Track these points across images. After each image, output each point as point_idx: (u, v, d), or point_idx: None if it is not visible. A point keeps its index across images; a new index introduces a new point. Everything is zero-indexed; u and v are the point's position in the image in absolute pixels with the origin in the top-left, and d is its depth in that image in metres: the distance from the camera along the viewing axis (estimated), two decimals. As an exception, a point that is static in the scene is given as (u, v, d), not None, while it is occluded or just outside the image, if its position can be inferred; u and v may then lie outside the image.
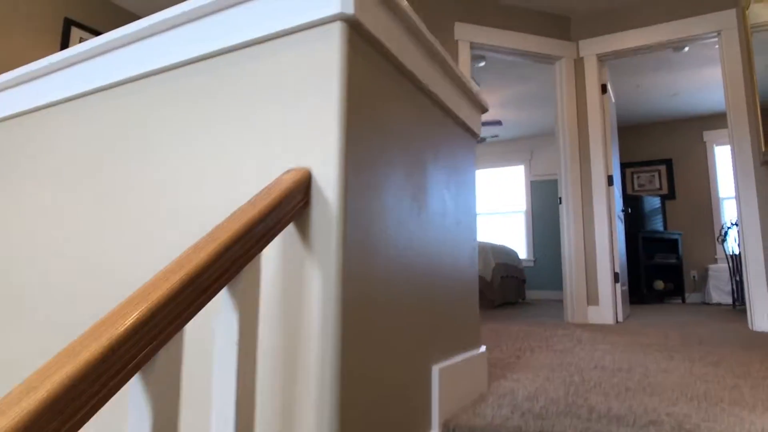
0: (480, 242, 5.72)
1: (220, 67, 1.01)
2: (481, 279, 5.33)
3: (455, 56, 3.60)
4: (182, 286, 0.58)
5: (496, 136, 7.66)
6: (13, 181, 1.38)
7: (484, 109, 1.59)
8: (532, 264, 7.46)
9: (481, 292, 5.33)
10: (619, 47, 3.79)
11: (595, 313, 3.65)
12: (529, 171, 7.65)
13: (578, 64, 3.90)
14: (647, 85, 5.61)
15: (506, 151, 7.90)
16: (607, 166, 3.78)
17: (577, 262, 3.73)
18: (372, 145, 0.94)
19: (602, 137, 3.78)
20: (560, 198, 3.87)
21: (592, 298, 3.69)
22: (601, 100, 3.83)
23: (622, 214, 4.19)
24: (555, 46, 3.85)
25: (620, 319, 3.70)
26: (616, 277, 3.70)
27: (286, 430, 0.78)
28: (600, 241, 3.70)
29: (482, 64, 4.67)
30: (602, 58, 3.89)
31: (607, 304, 3.62)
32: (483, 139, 6.74)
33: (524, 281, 6.53)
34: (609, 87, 3.94)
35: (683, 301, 6.33)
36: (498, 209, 7.92)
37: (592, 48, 3.86)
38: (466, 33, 3.64)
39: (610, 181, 3.77)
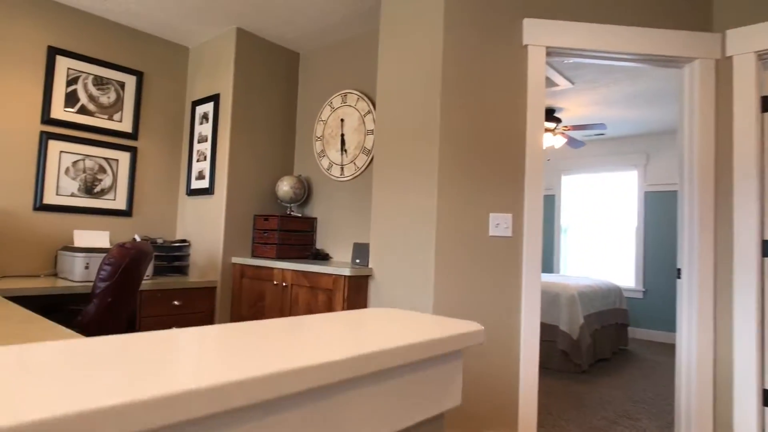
0: (565, 282, 4.50)
1: None
2: (565, 336, 4.15)
3: (521, 67, 2.48)
4: None
5: (602, 134, 6.18)
6: None
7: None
8: (640, 296, 6.00)
9: (564, 354, 4.16)
10: (797, 40, 2.38)
11: (725, 453, 2.43)
12: (643, 179, 6.09)
13: (723, 66, 2.55)
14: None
15: (614, 153, 6.37)
16: (762, 228, 2.45)
17: (699, 370, 2.50)
18: None
19: (758, 183, 2.44)
20: (678, 270, 2.62)
21: (721, 426, 2.47)
22: (760, 122, 2.47)
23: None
24: (683, 42, 2.53)
25: (768, 464, 2.43)
26: (765, 398, 2.42)
27: None
28: (741, 343, 2.43)
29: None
30: (765, 57, 2.50)
31: (746, 445, 2.38)
32: (581, 144, 5.37)
33: (627, 325, 5.18)
34: (773, 101, 2.54)
35: None
36: (601, 225, 6.48)
37: (747, 41, 2.49)
38: (538, 33, 2.48)
39: (766, 250, 2.44)
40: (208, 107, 3.41)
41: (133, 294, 2.47)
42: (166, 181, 3.54)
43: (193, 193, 3.46)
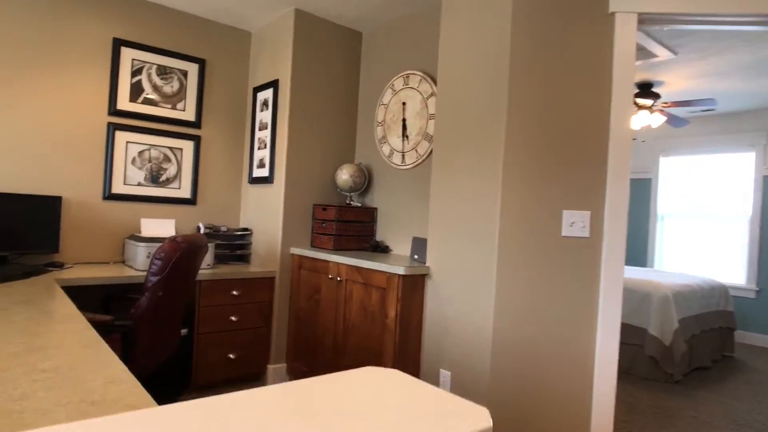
0: (658, 280, 3.99)
1: None
2: (655, 342, 3.69)
3: (606, 38, 2.10)
4: None
5: (711, 110, 5.39)
6: None
7: None
8: (752, 295, 5.24)
9: (653, 361, 3.71)
10: None
11: None
12: (762, 161, 5.25)
13: None
14: None
15: (726, 132, 5.55)
16: None
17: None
18: None
19: None
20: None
21: None
22: None
23: None
24: (826, -4, 2.00)
25: None
26: None
27: None
28: None
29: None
30: None
31: None
32: (684, 122, 4.69)
33: (733, 329, 4.53)
34: None
35: None
36: (707, 213, 5.73)
37: None
38: (628, -7, 2.07)
39: None
40: (268, 93, 3.33)
41: (186, 287, 2.47)
42: (230, 170, 3.54)
43: (254, 181, 3.43)
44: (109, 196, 3.02)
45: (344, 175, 3.24)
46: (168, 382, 2.82)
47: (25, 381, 1.07)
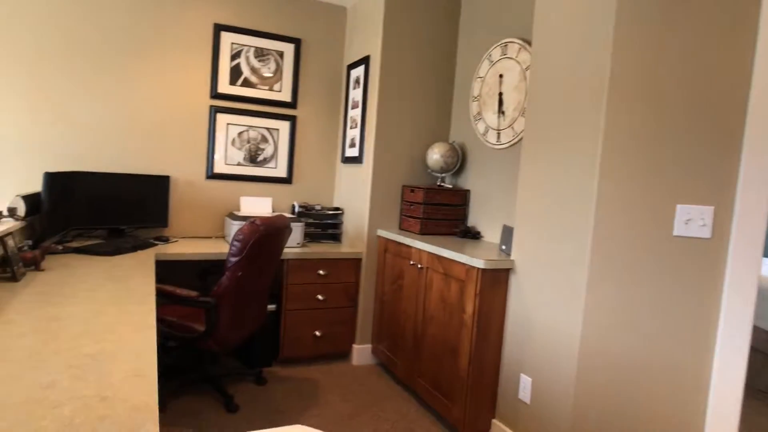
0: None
1: None
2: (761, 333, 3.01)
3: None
4: None
5: None
6: None
7: None
8: None
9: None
10: None
11: None
12: None
13: None
14: None
15: None
16: None
17: None
18: None
19: None
20: None
21: None
22: None
23: None
24: None
25: None
26: None
27: None
28: None
29: None
30: None
31: None
32: None
33: None
34: None
35: None
36: None
37: None
38: None
39: None
40: (360, 71, 3.25)
41: (269, 267, 2.54)
42: (324, 149, 3.57)
43: (346, 161, 3.42)
44: (212, 176, 3.22)
45: (435, 155, 3.07)
46: (261, 351, 2.98)
47: (62, 367, 1.13)
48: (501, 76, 2.83)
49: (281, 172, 3.42)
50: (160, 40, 3.03)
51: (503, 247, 2.49)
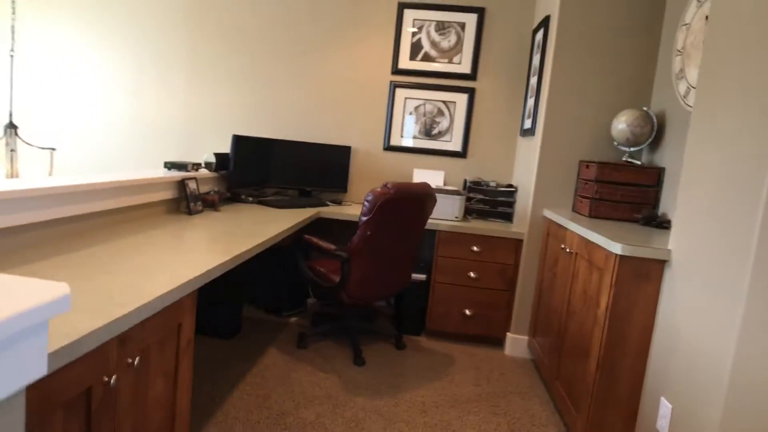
0: None
1: None
2: None
3: None
4: None
5: None
6: None
7: None
8: None
9: None
10: None
11: None
12: None
13: None
14: None
15: None
16: None
17: None
18: None
19: None
20: None
21: None
22: None
23: None
24: None
25: None
26: None
27: None
28: None
29: None
30: None
31: None
32: None
33: None
34: None
35: None
36: None
37: None
38: None
39: None
40: (540, 34, 2.92)
41: (405, 233, 2.56)
42: (504, 122, 3.34)
43: (524, 133, 3.13)
44: (388, 148, 3.40)
45: (620, 125, 2.54)
46: (407, 319, 3.04)
47: (133, 269, 1.42)
48: (707, 18, 2.14)
49: (456, 145, 3.36)
50: (349, 22, 3.35)
51: (675, 236, 1.92)
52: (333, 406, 2.17)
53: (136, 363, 1.14)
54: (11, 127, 2.68)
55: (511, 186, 3.23)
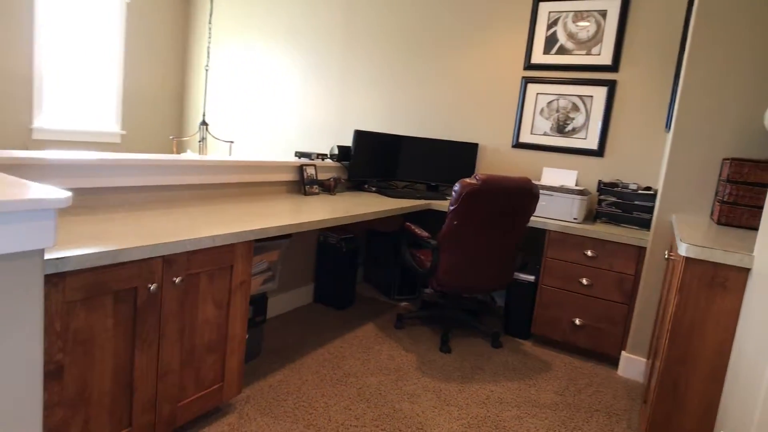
0: None
1: None
2: None
3: None
4: None
5: None
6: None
7: None
8: None
9: None
10: None
11: None
12: None
13: None
14: None
15: None
16: None
17: None
18: None
19: None
20: None
21: None
22: None
23: None
24: None
25: None
26: None
27: None
28: None
29: None
30: None
31: None
32: None
33: None
34: None
35: None
36: None
37: None
38: None
39: None
40: (690, 13, 2.52)
41: (499, 227, 2.53)
42: (651, 118, 2.94)
43: (669, 129, 2.73)
44: (517, 145, 3.33)
45: (775, 114, 2.06)
46: (511, 320, 2.94)
47: (239, 212, 1.86)
48: None
49: (591, 143, 3.10)
50: (482, 21, 3.39)
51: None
52: (397, 378, 2.31)
53: (177, 281, 1.53)
54: (203, 123, 3.58)
55: (649, 189, 2.84)
